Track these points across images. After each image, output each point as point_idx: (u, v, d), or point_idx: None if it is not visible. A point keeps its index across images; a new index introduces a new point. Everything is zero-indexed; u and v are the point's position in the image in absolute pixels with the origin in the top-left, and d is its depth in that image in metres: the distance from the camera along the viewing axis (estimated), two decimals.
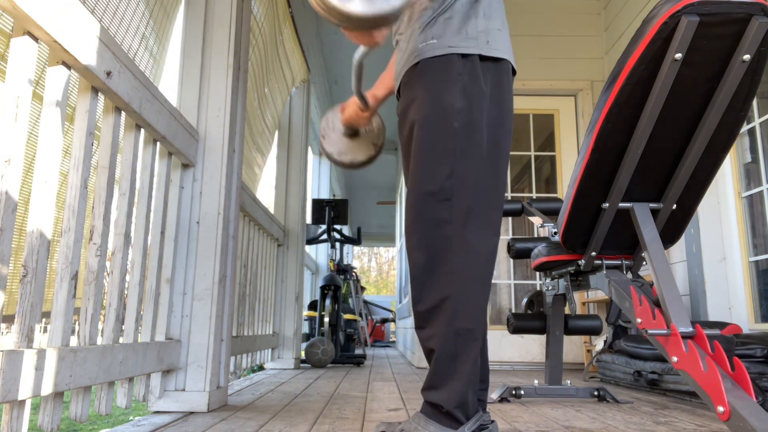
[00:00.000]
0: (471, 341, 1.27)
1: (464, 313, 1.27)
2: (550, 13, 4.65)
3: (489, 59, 1.35)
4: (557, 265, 2.16)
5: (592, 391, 2.35)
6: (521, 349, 4.30)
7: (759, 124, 2.92)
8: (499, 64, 1.37)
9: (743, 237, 2.93)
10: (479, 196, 1.31)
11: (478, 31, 1.35)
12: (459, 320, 1.27)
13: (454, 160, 1.30)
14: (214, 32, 2.17)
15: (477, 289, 1.30)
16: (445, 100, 1.30)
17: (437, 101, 1.31)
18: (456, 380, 1.26)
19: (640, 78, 1.42)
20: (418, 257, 1.32)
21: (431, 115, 1.32)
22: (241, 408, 2.03)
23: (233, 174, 2.17)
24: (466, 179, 1.30)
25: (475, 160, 1.31)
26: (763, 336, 2.32)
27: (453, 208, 1.29)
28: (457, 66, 1.31)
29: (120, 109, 1.54)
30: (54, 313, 1.29)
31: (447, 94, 1.30)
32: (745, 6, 1.28)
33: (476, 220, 1.31)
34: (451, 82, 1.31)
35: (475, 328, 1.28)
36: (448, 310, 1.27)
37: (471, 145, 1.31)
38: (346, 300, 6.07)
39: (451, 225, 1.29)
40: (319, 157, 7.60)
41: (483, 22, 1.37)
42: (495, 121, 1.35)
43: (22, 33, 1.13)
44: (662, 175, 1.63)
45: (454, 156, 1.30)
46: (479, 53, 1.33)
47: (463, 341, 1.27)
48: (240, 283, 2.91)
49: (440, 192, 1.30)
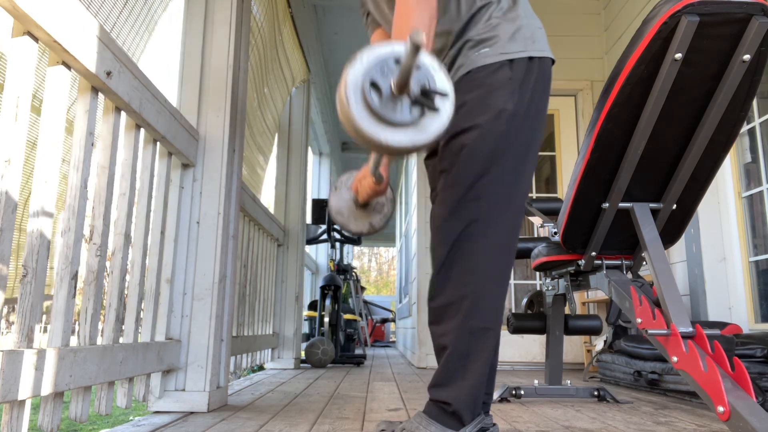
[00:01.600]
0: (485, 341, 1.28)
1: (481, 312, 1.28)
2: (550, 13, 4.65)
3: (536, 59, 1.36)
4: (557, 265, 2.16)
5: (592, 391, 2.35)
6: (521, 349, 4.30)
7: (759, 124, 2.92)
8: (544, 61, 1.38)
9: (743, 237, 2.93)
10: (508, 198, 1.33)
11: (526, 36, 1.36)
12: (475, 319, 1.27)
13: (489, 164, 1.31)
14: (214, 32, 2.17)
15: (495, 290, 1.31)
16: (494, 105, 1.31)
17: (486, 106, 1.32)
18: (466, 379, 1.26)
19: (640, 78, 1.42)
20: (441, 253, 1.31)
21: (479, 120, 1.32)
22: (241, 408, 2.03)
23: (233, 174, 2.17)
24: (498, 182, 1.31)
25: (510, 163, 1.32)
26: (763, 336, 2.32)
27: (481, 208, 1.30)
28: (508, 71, 1.32)
29: (120, 109, 1.54)
30: (54, 313, 1.29)
31: (496, 99, 1.31)
32: (745, 6, 1.28)
33: (502, 221, 1.32)
34: (501, 88, 1.31)
35: (491, 329, 1.29)
36: (465, 308, 1.27)
37: (509, 150, 1.32)
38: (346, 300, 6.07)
39: (476, 224, 1.30)
40: (318, 157, 7.60)
41: (527, 24, 1.38)
42: (535, 124, 1.37)
43: (22, 33, 1.13)
44: (662, 175, 1.63)
45: (491, 159, 1.31)
46: (529, 55, 1.34)
47: (476, 340, 1.27)
48: (240, 283, 2.91)
49: (471, 191, 1.30)
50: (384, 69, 0.99)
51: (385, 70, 0.99)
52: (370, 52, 0.99)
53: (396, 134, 0.98)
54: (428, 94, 1.00)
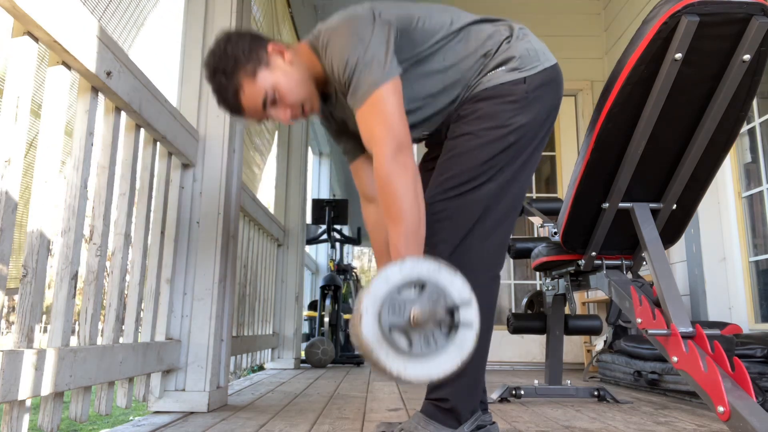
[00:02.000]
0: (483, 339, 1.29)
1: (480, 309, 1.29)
2: (550, 13, 4.65)
3: (548, 68, 1.38)
4: (557, 265, 2.16)
5: (592, 391, 2.35)
6: (521, 349, 4.30)
7: (759, 124, 2.92)
8: (555, 66, 1.40)
9: (743, 237, 2.92)
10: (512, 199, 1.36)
11: (537, 50, 1.39)
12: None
13: (494, 170, 1.32)
14: (214, 32, 2.16)
15: (492, 288, 1.34)
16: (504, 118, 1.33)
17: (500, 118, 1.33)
18: (464, 376, 1.27)
19: (640, 78, 1.42)
20: (443, 251, 1.32)
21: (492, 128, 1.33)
22: (241, 408, 2.03)
23: (233, 174, 2.17)
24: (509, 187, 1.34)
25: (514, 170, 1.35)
26: (763, 336, 2.32)
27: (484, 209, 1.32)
28: (522, 87, 1.34)
29: (120, 109, 1.54)
30: (54, 313, 1.29)
31: (507, 113, 1.33)
32: (745, 6, 1.28)
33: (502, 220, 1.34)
34: (515, 103, 1.33)
35: (488, 326, 1.31)
36: None
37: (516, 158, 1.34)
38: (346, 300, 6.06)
39: (478, 224, 1.31)
40: (318, 157, 7.59)
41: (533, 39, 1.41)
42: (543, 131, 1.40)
43: (22, 33, 1.13)
44: (662, 175, 1.63)
45: (499, 166, 1.33)
46: (542, 68, 1.37)
47: None
48: (240, 283, 2.91)
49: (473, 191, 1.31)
50: (396, 306, 1.01)
51: (396, 306, 1.01)
52: (380, 286, 1.01)
53: (413, 370, 1.00)
54: (452, 312, 1.03)
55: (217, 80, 1.32)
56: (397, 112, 1.24)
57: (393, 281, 1.01)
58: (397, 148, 1.20)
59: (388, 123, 1.22)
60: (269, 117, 1.37)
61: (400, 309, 1.00)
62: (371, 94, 1.23)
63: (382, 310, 0.99)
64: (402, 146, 1.21)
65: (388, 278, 1.01)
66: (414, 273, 1.02)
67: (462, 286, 1.04)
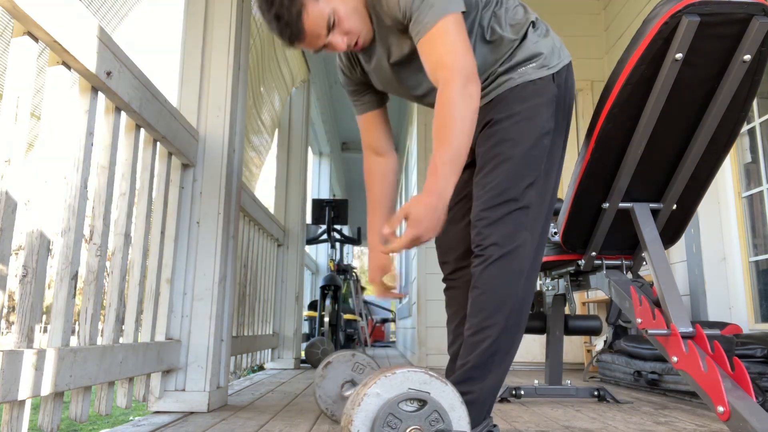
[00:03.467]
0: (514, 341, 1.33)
1: (519, 312, 1.33)
2: (550, 13, 4.64)
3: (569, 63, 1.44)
4: (557, 265, 2.16)
5: (592, 391, 2.35)
6: (521, 349, 4.29)
7: (759, 124, 2.92)
8: (570, 63, 1.45)
9: (743, 237, 2.92)
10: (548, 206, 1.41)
11: (557, 47, 1.43)
12: (513, 318, 1.31)
13: (537, 174, 1.37)
14: (214, 32, 2.17)
15: (531, 295, 1.38)
16: (541, 121, 1.37)
17: (536, 121, 1.36)
18: (493, 374, 1.29)
19: (640, 78, 1.42)
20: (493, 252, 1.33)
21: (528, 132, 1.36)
22: (241, 408, 2.03)
23: (233, 174, 2.17)
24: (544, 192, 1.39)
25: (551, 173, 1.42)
26: (763, 336, 2.32)
27: (529, 216, 1.35)
28: (553, 87, 1.39)
29: (120, 109, 1.54)
30: (54, 313, 1.29)
31: (543, 115, 1.37)
32: (745, 6, 1.28)
33: (542, 229, 1.39)
34: (548, 105, 1.38)
35: (520, 331, 1.35)
36: (510, 307, 1.31)
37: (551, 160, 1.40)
38: (346, 300, 6.07)
39: (527, 232, 1.34)
40: (318, 157, 7.59)
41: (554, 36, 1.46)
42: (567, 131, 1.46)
43: (22, 33, 1.13)
44: (662, 175, 1.62)
45: (538, 170, 1.37)
46: (565, 64, 1.41)
47: (510, 339, 1.32)
48: (240, 283, 2.91)
49: (521, 199, 1.34)
50: (391, 422, 0.98)
51: (392, 423, 0.98)
52: (371, 401, 0.97)
53: None
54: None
55: (278, 2, 1.27)
56: (465, 41, 1.24)
57: (386, 397, 0.98)
58: (467, 78, 1.21)
59: (458, 51, 1.22)
60: (326, 45, 1.34)
61: (396, 426, 0.97)
62: (439, 20, 1.22)
63: (375, 426, 0.96)
64: (470, 77, 1.22)
65: (380, 393, 0.98)
66: (412, 391, 0.99)
67: (461, 417, 1.01)
